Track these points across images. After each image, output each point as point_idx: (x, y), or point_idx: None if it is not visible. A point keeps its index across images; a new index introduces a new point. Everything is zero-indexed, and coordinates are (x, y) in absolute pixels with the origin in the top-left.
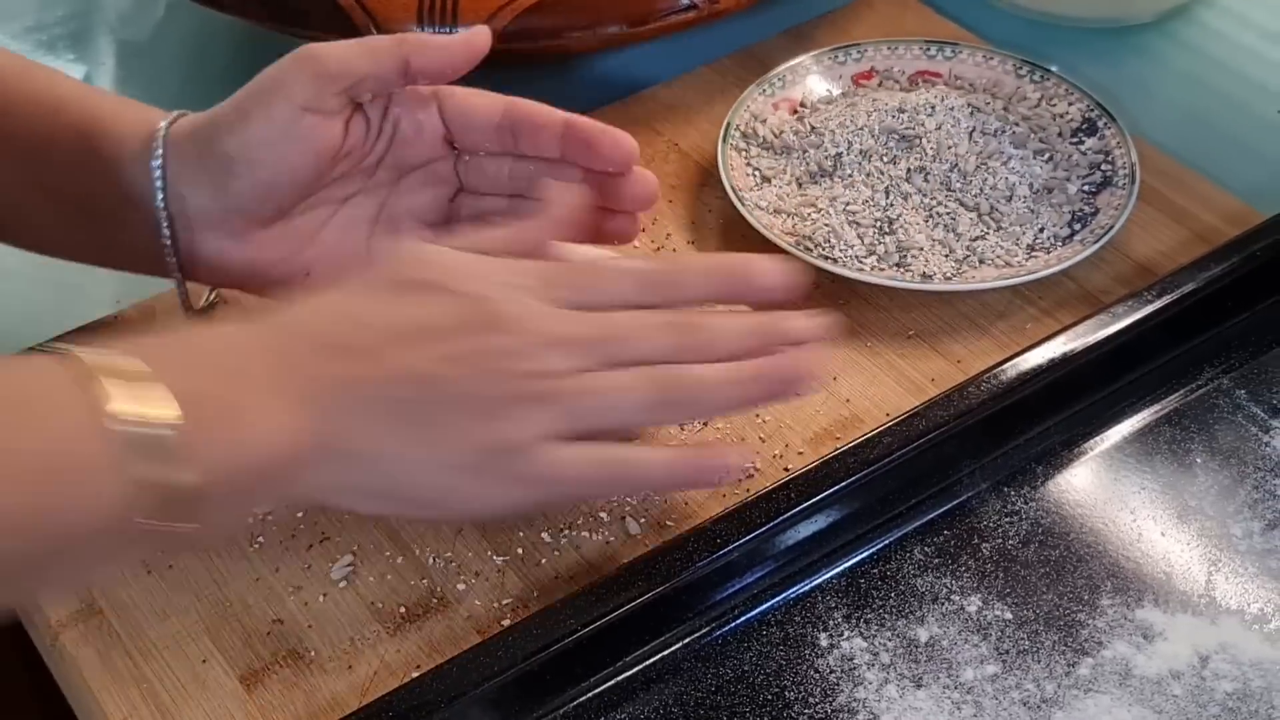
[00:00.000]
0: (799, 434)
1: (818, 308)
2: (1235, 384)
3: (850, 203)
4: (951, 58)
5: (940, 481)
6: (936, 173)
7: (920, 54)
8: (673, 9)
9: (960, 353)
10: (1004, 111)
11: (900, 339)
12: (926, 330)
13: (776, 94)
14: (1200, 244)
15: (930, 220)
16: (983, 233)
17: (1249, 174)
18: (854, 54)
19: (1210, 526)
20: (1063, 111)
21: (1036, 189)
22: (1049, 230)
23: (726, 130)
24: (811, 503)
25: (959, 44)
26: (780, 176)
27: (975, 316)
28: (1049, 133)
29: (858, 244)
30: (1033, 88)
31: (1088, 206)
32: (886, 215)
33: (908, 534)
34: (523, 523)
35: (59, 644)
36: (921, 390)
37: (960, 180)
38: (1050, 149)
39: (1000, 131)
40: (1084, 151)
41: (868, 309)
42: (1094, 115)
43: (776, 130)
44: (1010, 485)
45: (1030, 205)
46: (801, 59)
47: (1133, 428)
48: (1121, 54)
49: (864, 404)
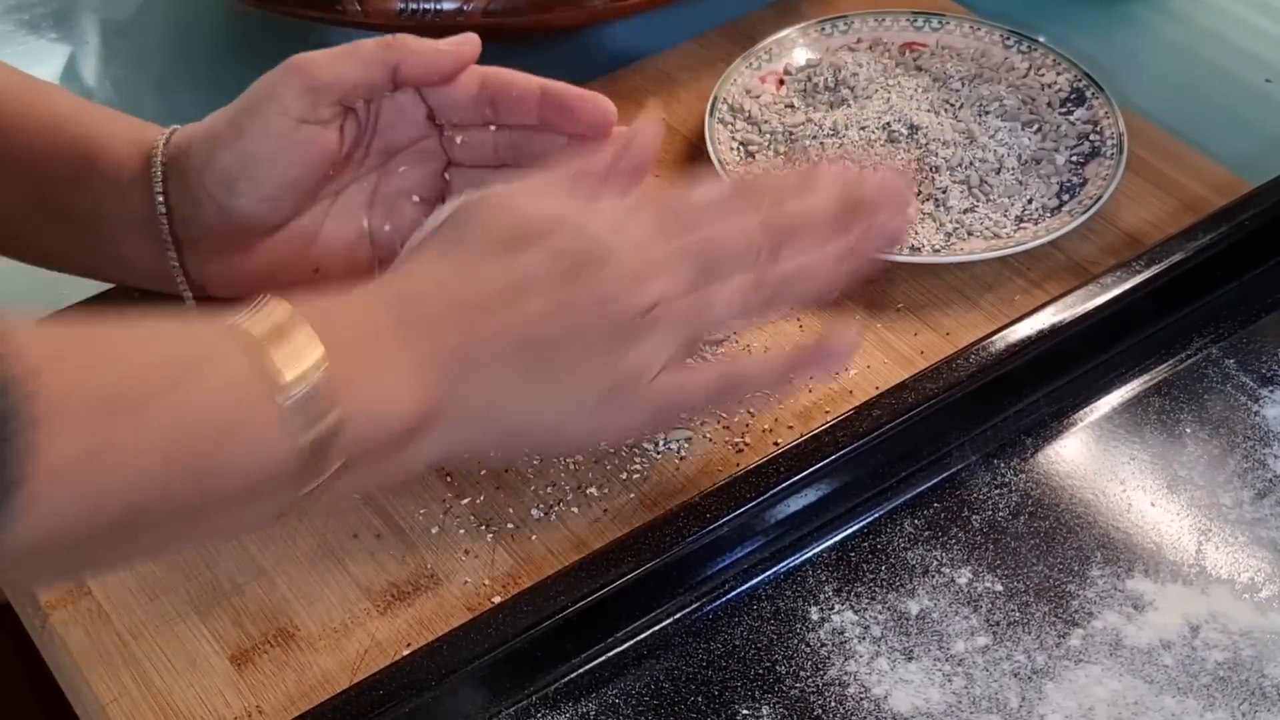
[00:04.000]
0: (789, 408)
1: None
2: (1224, 353)
3: None
4: (939, 29)
5: (930, 454)
6: (925, 145)
7: (907, 25)
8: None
9: (949, 325)
10: (992, 83)
11: (889, 312)
12: (915, 303)
13: (763, 67)
14: (1188, 214)
15: (919, 193)
16: (972, 205)
17: (1237, 143)
18: (841, 26)
19: (1200, 496)
20: (1051, 81)
21: (1025, 160)
22: (1037, 201)
23: (713, 104)
24: (801, 476)
25: (945, 15)
26: (765, 151)
27: (964, 289)
28: (1038, 103)
29: None
30: (1020, 58)
31: (1076, 177)
32: None
33: (898, 507)
34: (511, 498)
35: (48, 625)
36: (911, 363)
37: (949, 152)
38: (1039, 120)
39: (988, 103)
40: (1072, 122)
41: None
42: (1082, 85)
43: (763, 105)
44: (1000, 457)
45: (1019, 177)
46: (788, 31)
47: (1122, 398)
48: (1109, 24)
49: (854, 378)
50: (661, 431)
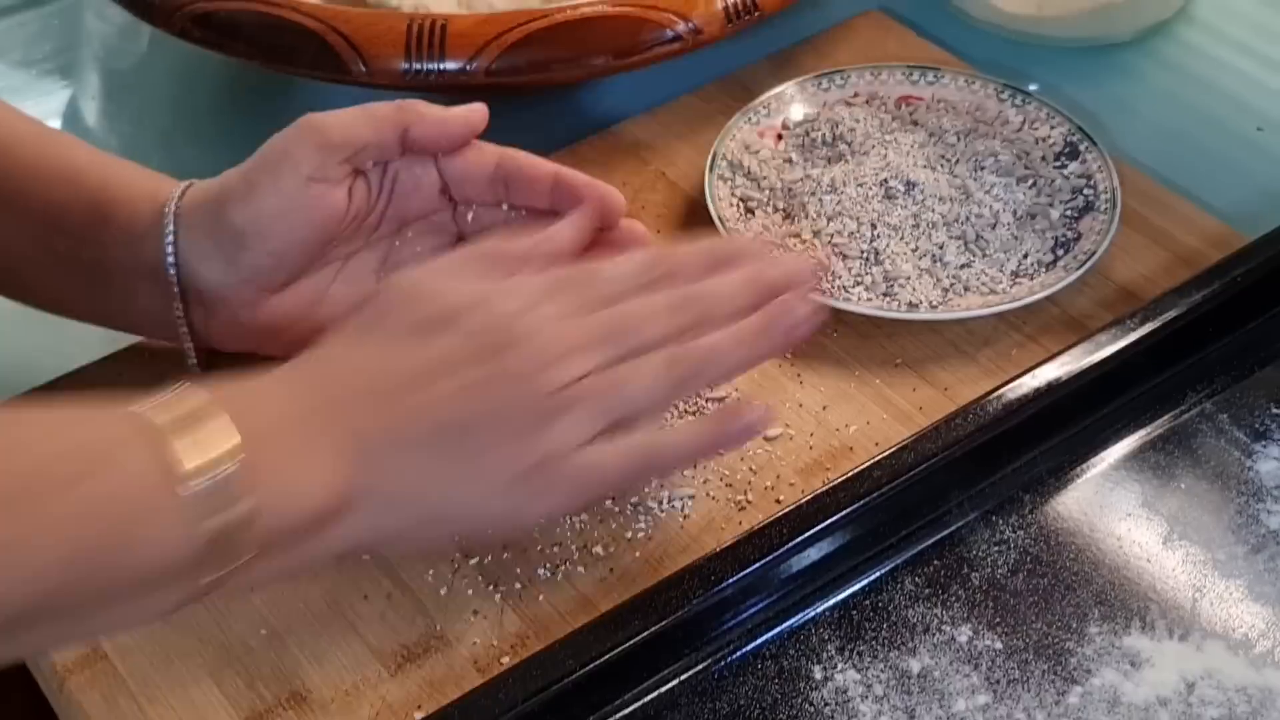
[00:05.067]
0: (790, 465)
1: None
2: (1218, 408)
3: (836, 234)
4: (934, 82)
5: (930, 512)
6: (921, 201)
7: (903, 79)
8: (658, 40)
9: (947, 380)
10: (987, 138)
11: (888, 367)
12: (914, 358)
13: (762, 122)
14: (1182, 266)
15: (916, 250)
16: (968, 260)
17: (1229, 192)
18: (838, 80)
19: (1195, 552)
20: (1045, 135)
21: (1020, 215)
22: (1033, 256)
23: (713, 160)
24: (805, 537)
25: (940, 69)
26: (764, 208)
27: (961, 343)
28: (1032, 157)
29: (845, 274)
30: (1015, 112)
31: (1070, 231)
32: (873, 247)
33: (899, 565)
34: (519, 559)
35: (65, 689)
36: (910, 419)
37: (945, 209)
38: (1033, 174)
39: (984, 158)
40: (1066, 176)
41: (856, 338)
42: (1075, 139)
43: (762, 161)
44: (999, 514)
45: (1014, 232)
46: (785, 86)
47: (1118, 454)
48: (1102, 72)
49: (854, 434)
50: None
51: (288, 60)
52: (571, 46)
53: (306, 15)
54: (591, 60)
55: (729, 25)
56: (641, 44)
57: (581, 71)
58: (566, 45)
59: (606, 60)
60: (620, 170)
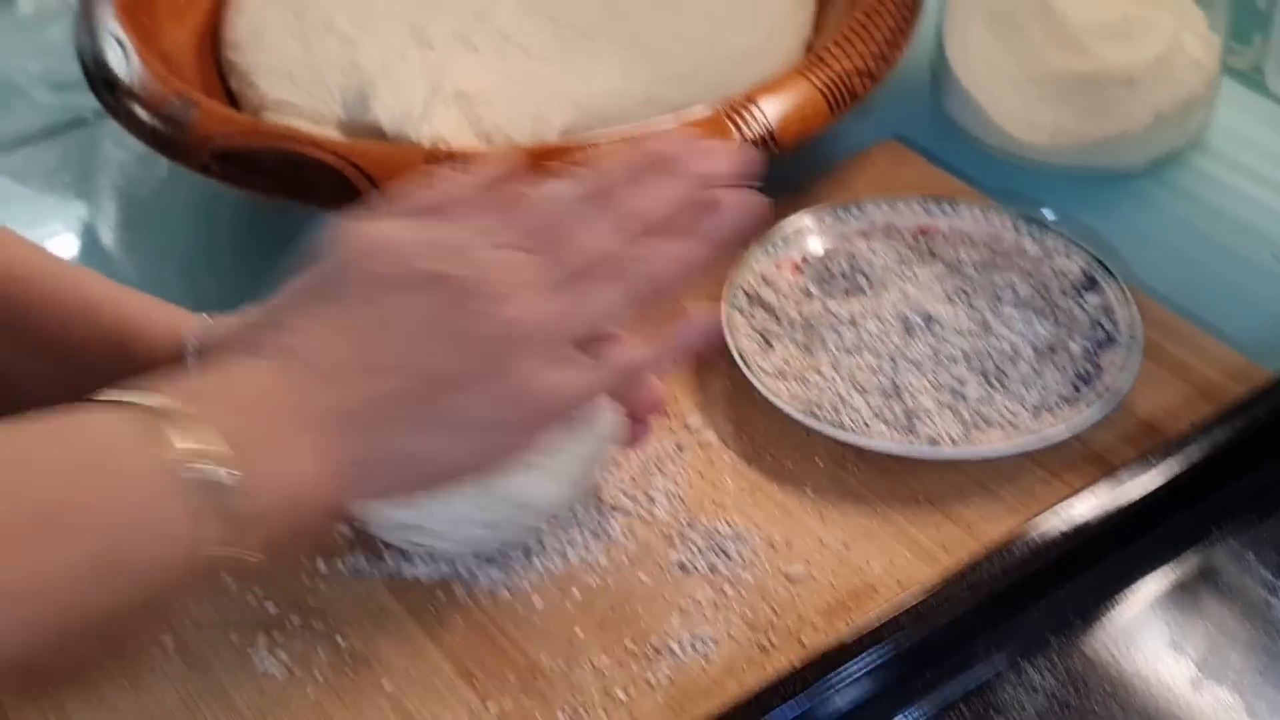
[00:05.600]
0: (813, 605)
1: (825, 473)
2: (1244, 545)
3: (856, 369)
4: (950, 214)
5: (956, 656)
6: (941, 335)
7: (920, 209)
8: None
9: (970, 517)
10: (1005, 269)
11: (911, 504)
12: (936, 495)
13: (779, 254)
14: (1203, 400)
15: (937, 384)
16: (989, 394)
17: (1247, 321)
18: (854, 211)
19: (1222, 694)
20: (1063, 267)
21: (1040, 349)
22: (1054, 390)
23: (730, 292)
24: (828, 685)
25: (956, 200)
26: (783, 340)
27: (984, 479)
28: (1051, 289)
29: (865, 409)
30: (1031, 243)
31: (1091, 365)
32: (893, 381)
33: (925, 712)
34: (538, 703)
35: None
36: (934, 558)
37: (965, 342)
38: (1053, 306)
39: (1002, 290)
40: (1085, 308)
41: (877, 474)
42: (1093, 270)
43: (780, 293)
44: (1026, 658)
45: (1034, 366)
46: (803, 218)
47: (1144, 593)
48: (1118, 200)
49: (877, 573)
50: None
51: (307, 195)
52: None
53: (326, 151)
54: None
55: None
56: None
57: None
58: None
59: None
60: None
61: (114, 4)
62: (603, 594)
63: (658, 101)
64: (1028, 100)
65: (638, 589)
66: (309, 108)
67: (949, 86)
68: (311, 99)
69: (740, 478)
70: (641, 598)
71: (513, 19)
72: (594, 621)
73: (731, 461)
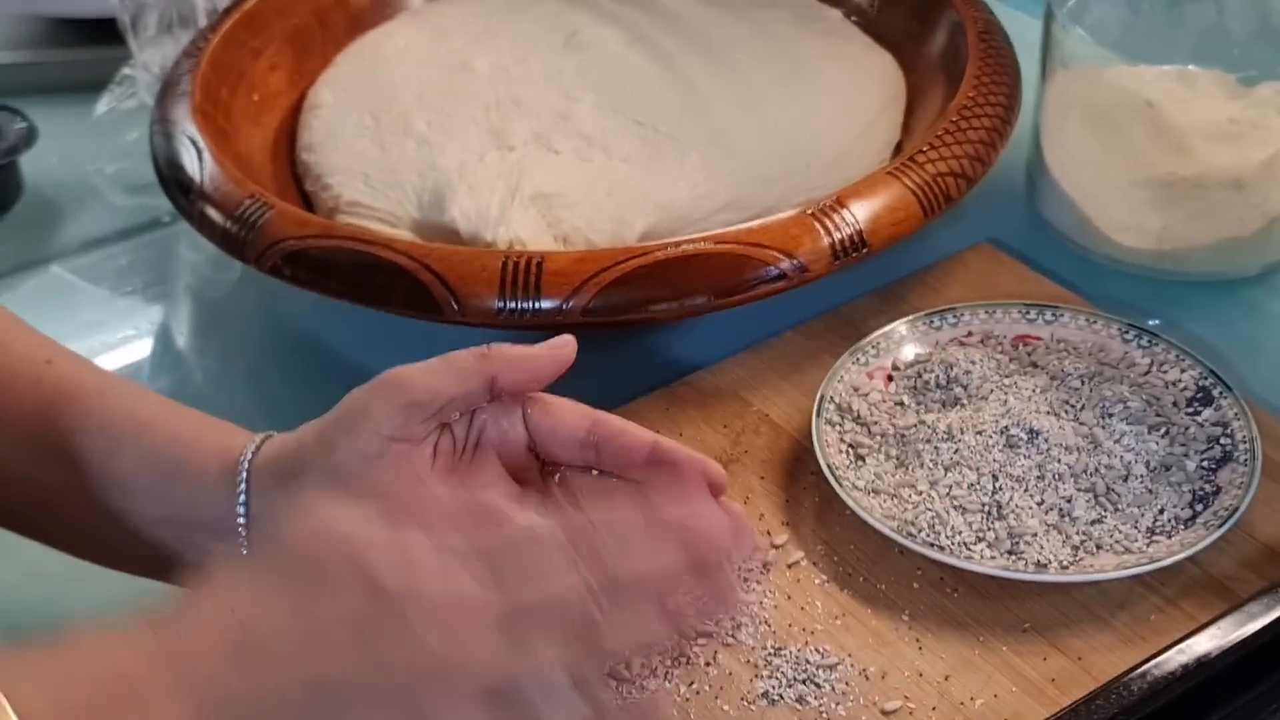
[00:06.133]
0: None
1: (923, 597)
2: None
3: (954, 485)
4: (1052, 321)
5: None
6: (1046, 451)
7: (1019, 317)
8: (761, 279)
9: (1080, 648)
10: (1114, 381)
11: (1015, 632)
12: (1042, 622)
13: (870, 363)
14: None
15: (1042, 504)
16: (1099, 515)
17: None
18: (949, 318)
19: None
20: (1175, 379)
21: (1154, 466)
22: (1169, 511)
23: (820, 403)
24: None
25: (1059, 306)
26: (876, 454)
27: (1094, 606)
28: (1163, 403)
29: (965, 530)
30: (1141, 353)
31: (1208, 485)
32: (995, 500)
33: None
34: None
35: None
36: (1042, 692)
37: (1072, 459)
38: (1166, 422)
39: (1111, 404)
40: (1201, 424)
41: (978, 599)
42: (1208, 384)
43: (872, 404)
44: None
45: (1148, 485)
46: (895, 325)
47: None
48: (1228, 309)
49: (979, 709)
50: None
51: (380, 299)
52: (672, 286)
53: (400, 253)
54: (692, 300)
55: (835, 262)
56: (745, 283)
57: (682, 311)
58: (667, 284)
59: (708, 300)
60: (720, 411)
61: (190, 106)
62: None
63: (741, 205)
64: (1132, 204)
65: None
66: (384, 209)
67: (1046, 188)
68: (387, 200)
69: (831, 601)
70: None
71: (594, 120)
72: None
73: (821, 584)
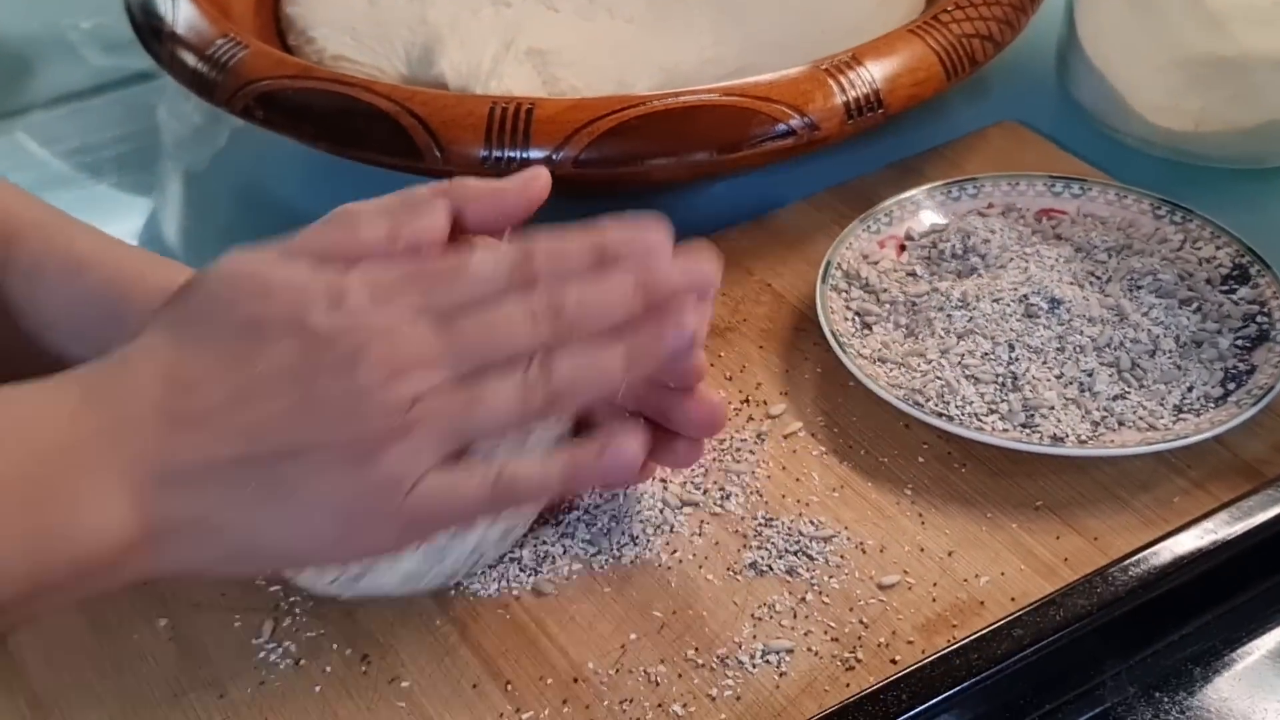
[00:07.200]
0: (909, 619)
1: (928, 471)
2: None
3: (967, 354)
4: (1080, 195)
5: (1079, 684)
6: (1068, 322)
7: (1045, 190)
8: (768, 136)
9: (1097, 528)
10: (1144, 255)
11: (1027, 510)
12: (1057, 501)
13: (883, 231)
14: None
15: (1061, 377)
16: (1123, 391)
17: None
18: (969, 189)
19: None
20: (1210, 256)
21: (1184, 342)
22: (1199, 389)
23: (826, 269)
24: (926, 706)
25: (1087, 180)
26: (884, 323)
27: (1114, 486)
28: (1196, 279)
29: (976, 400)
30: (1174, 229)
31: (1242, 363)
32: (1010, 371)
33: None
34: (579, 715)
35: None
36: (1054, 572)
37: (1096, 331)
38: (1198, 298)
39: (1140, 277)
40: (1236, 301)
41: (988, 476)
42: (1245, 261)
43: (882, 272)
44: (1163, 690)
45: (1177, 361)
46: (912, 193)
47: None
48: (1264, 196)
49: (985, 586)
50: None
51: (358, 144)
52: (672, 139)
53: (380, 95)
54: (693, 155)
55: (849, 123)
56: (750, 138)
57: (682, 168)
58: (666, 137)
59: (710, 155)
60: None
61: None
62: (662, 595)
63: (751, 72)
64: (1169, 84)
65: (704, 591)
66: (370, 64)
67: (1078, 67)
68: (374, 55)
69: (829, 473)
70: (707, 601)
71: None
72: (651, 625)
73: (819, 455)
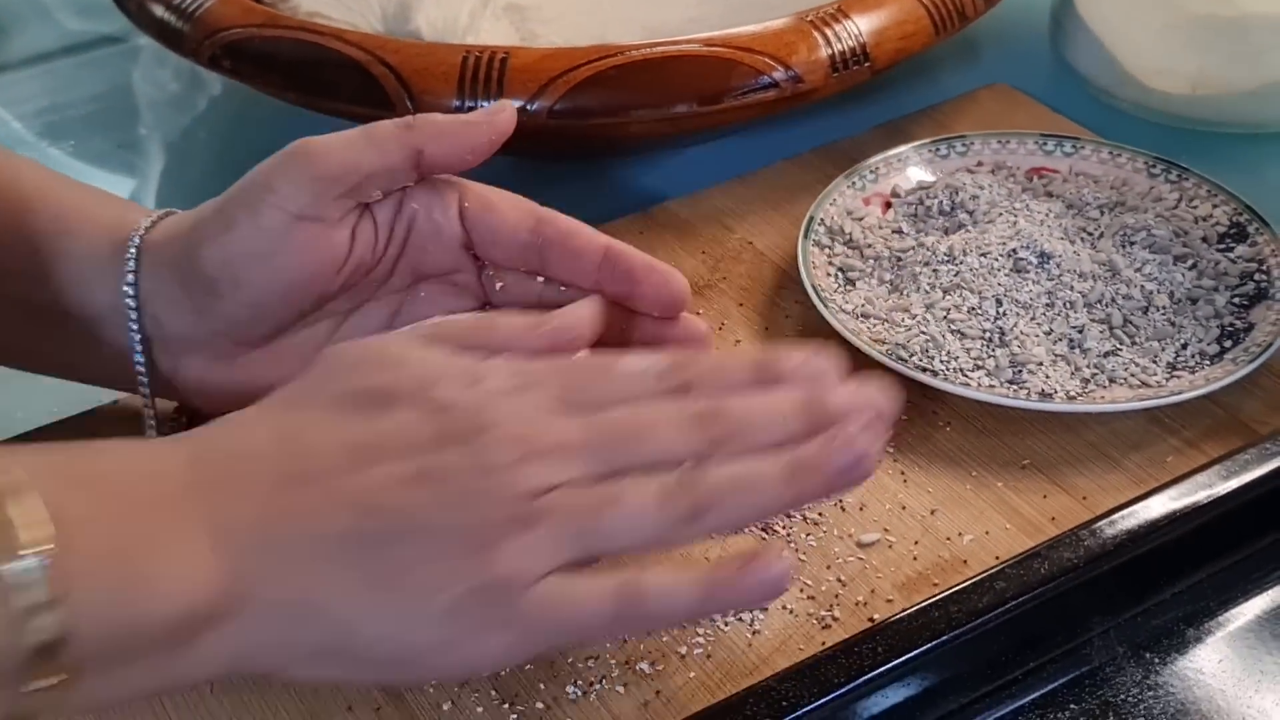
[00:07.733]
0: (889, 577)
1: (910, 428)
2: None
3: (953, 309)
4: (1072, 154)
5: (1065, 642)
6: (1058, 277)
7: (1036, 148)
8: (750, 88)
9: (1086, 487)
10: (1138, 211)
11: (1013, 469)
12: (1045, 460)
13: (868, 187)
14: None
15: (1050, 333)
16: (1114, 347)
17: None
18: (959, 146)
19: None
20: (1206, 214)
21: (1178, 299)
22: (1193, 346)
23: (809, 225)
24: (903, 661)
25: (1080, 139)
26: (867, 278)
27: (1104, 446)
28: (1191, 237)
29: (962, 355)
30: (1169, 188)
31: (1239, 321)
32: (998, 326)
33: (1024, 706)
34: (543, 671)
35: None
36: (1040, 531)
37: (1086, 286)
38: (1194, 254)
39: (1134, 233)
40: (1233, 259)
41: (973, 432)
42: (1243, 219)
43: (867, 228)
44: (1153, 650)
45: (1171, 318)
46: (899, 150)
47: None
48: (1262, 160)
49: (968, 545)
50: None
51: (329, 94)
52: (650, 89)
53: (351, 44)
54: (673, 106)
55: (834, 77)
56: (732, 90)
57: (660, 121)
58: (645, 88)
59: (690, 107)
60: (699, 239)
61: None
62: None
63: None
64: (1166, 46)
65: None
66: (345, 20)
67: (1072, 29)
68: (349, 13)
69: None
70: (676, 555)
71: None
72: None
73: None
